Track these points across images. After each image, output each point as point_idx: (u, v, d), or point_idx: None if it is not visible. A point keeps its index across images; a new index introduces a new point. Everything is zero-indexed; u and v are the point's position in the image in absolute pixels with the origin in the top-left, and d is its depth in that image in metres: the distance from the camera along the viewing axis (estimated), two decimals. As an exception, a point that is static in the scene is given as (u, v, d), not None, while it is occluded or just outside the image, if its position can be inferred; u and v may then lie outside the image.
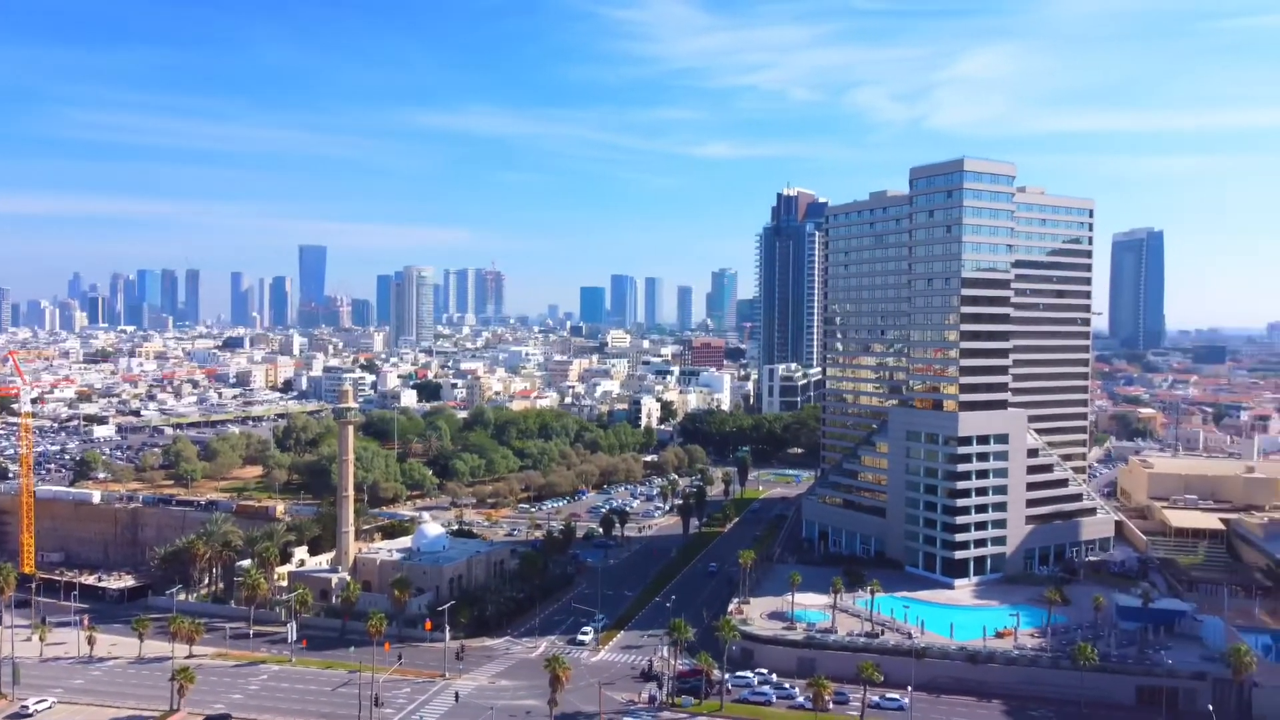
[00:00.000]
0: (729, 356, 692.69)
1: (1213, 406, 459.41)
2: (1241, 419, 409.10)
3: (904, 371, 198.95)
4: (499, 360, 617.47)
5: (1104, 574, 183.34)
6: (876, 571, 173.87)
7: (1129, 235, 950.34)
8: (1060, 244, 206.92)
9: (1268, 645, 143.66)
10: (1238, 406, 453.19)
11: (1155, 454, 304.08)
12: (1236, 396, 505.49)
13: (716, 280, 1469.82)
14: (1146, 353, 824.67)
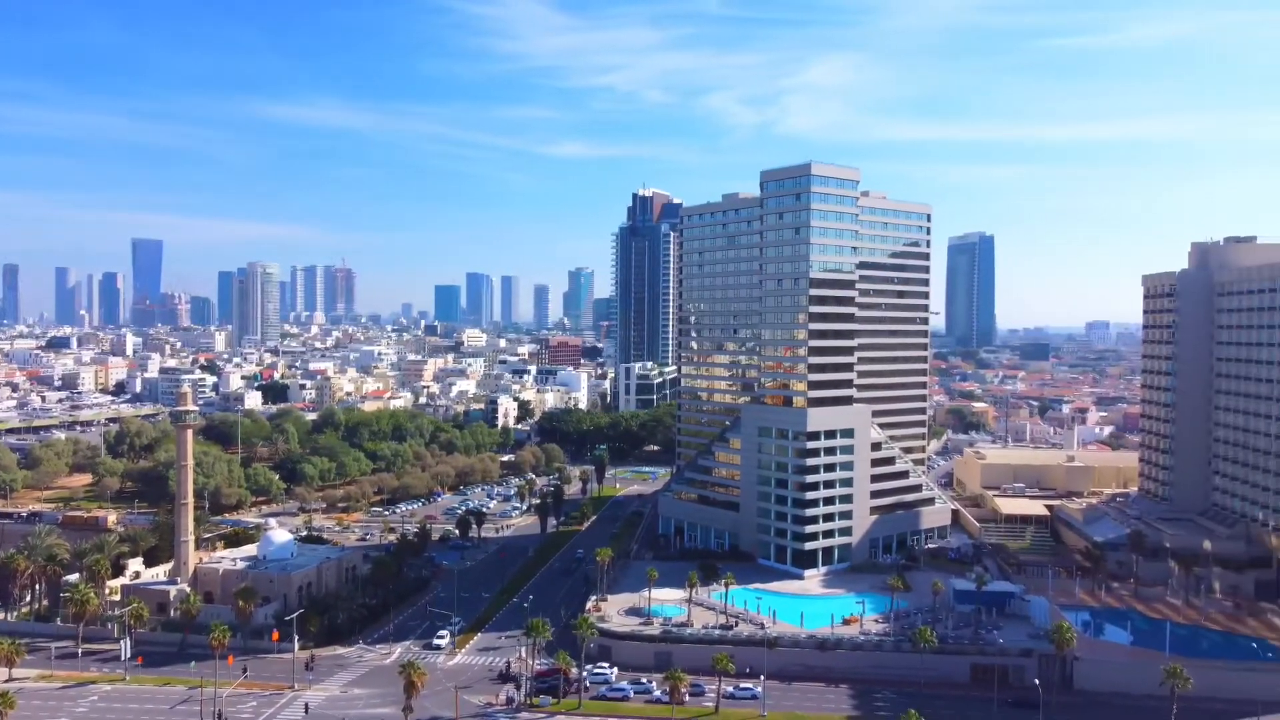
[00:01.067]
0: (586, 355, 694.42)
1: (1038, 400, 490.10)
2: (1063, 412, 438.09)
3: (756, 369, 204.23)
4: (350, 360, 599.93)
5: (942, 560, 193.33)
6: (731, 565, 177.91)
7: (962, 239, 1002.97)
8: (901, 246, 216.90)
9: (1086, 622, 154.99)
10: (1060, 400, 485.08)
11: (987, 446, 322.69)
12: (1059, 391, 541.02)
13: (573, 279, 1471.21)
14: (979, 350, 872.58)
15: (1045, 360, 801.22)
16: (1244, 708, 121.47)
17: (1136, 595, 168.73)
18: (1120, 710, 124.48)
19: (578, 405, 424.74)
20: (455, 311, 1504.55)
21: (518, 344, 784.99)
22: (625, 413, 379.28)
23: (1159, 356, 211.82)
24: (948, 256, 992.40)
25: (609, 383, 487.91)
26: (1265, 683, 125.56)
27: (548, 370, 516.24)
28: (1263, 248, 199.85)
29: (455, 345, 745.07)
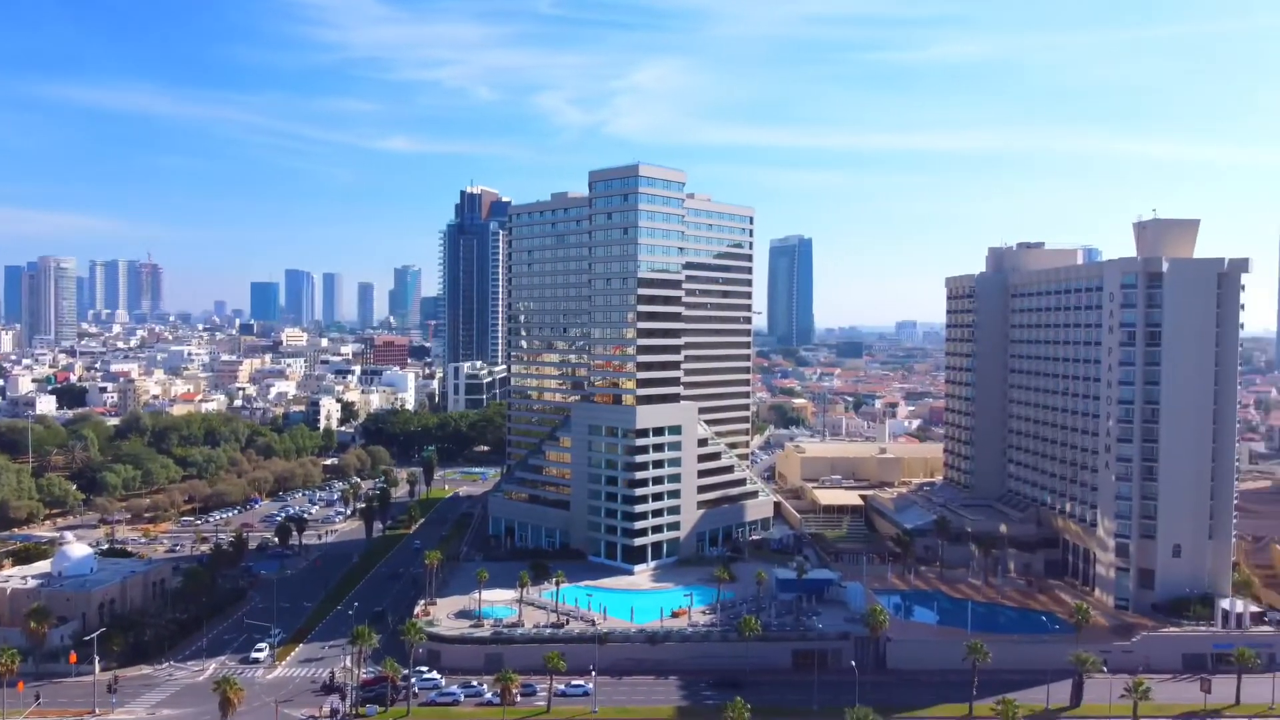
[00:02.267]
0: (413, 355, 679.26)
1: (853, 396, 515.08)
2: (876, 407, 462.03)
3: (586, 368, 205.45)
4: (157, 361, 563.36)
5: (765, 551, 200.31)
6: (562, 563, 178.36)
7: (783, 242, 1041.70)
8: (725, 248, 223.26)
9: (898, 604, 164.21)
10: (873, 396, 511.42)
11: (807, 440, 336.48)
12: (872, 387, 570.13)
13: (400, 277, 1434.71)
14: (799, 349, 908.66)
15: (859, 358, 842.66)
16: (1036, 676, 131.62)
17: (942, 577, 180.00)
18: (928, 685, 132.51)
19: (405, 406, 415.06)
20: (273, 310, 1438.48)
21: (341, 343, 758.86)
22: (454, 413, 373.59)
23: (960, 354, 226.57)
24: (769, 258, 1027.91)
25: (437, 383, 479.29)
26: (1053, 653, 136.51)
27: (373, 370, 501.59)
28: (1050, 253, 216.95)
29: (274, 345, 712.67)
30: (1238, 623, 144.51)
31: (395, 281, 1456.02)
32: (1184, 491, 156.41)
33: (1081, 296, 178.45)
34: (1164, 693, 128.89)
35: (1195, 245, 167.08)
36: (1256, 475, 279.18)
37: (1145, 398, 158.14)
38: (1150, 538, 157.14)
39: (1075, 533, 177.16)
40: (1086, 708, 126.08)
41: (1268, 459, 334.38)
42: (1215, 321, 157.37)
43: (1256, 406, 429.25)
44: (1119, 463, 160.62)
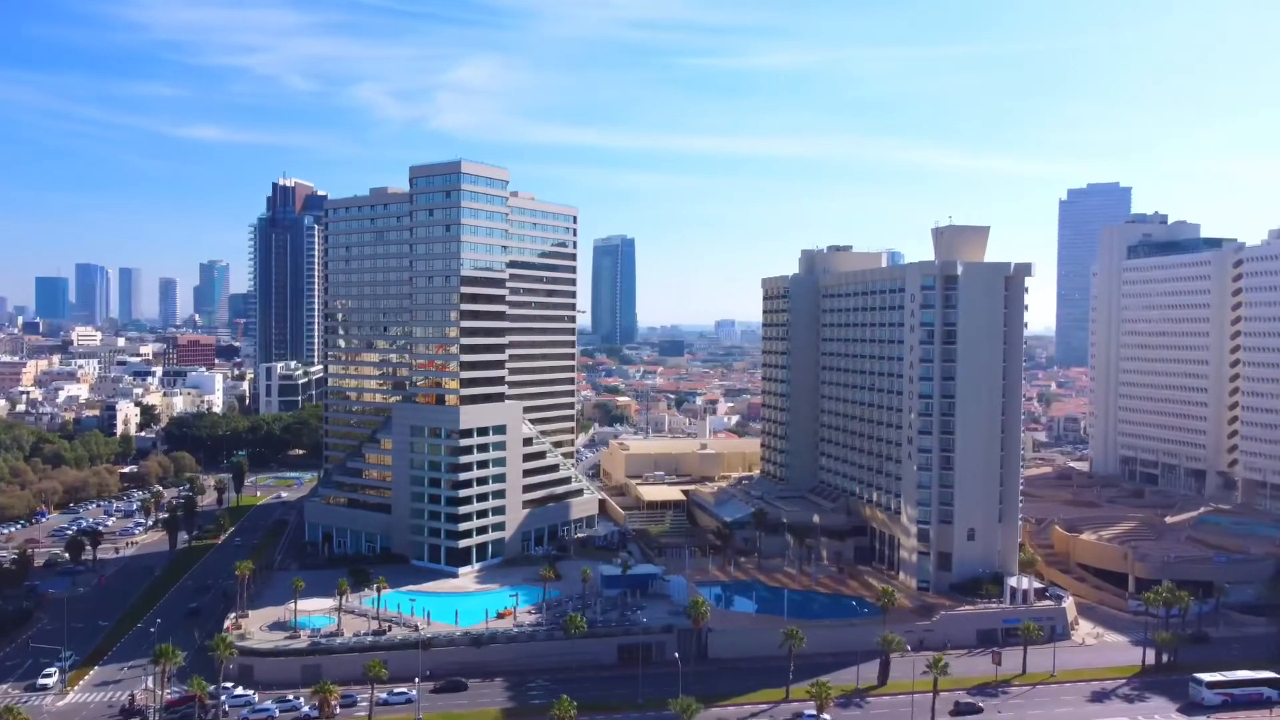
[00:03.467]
0: (221, 355, 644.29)
1: (675, 394, 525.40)
2: (697, 404, 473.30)
3: (407, 367, 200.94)
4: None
5: (590, 548, 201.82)
6: (383, 568, 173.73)
7: (606, 241, 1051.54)
8: (549, 247, 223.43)
9: (719, 595, 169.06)
10: (694, 393, 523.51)
11: (630, 437, 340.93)
12: (693, 384, 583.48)
13: (206, 273, 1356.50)
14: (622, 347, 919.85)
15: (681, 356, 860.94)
16: (847, 658, 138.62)
17: (760, 567, 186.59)
18: (747, 673, 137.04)
19: (212, 409, 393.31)
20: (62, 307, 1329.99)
21: (140, 343, 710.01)
22: (267, 415, 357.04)
23: (776, 352, 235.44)
24: (593, 258, 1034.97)
25: (248, 384, 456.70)
26: (863, 635, 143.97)
27: (176, 371, 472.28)
28: (857, 256, 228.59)
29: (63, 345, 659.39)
30: (1024, 599, 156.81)
31: (201, 277, 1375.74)
32: (977, 479, 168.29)
33: (885, 298, 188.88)
34: (961, 666, 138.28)
35: (986, 250, 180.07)
36: (1039, 462, 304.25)
37: (943, 392, 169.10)
38: (948, 523, 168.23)
39: (882, 520, 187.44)
40: (893, 685, 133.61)
41: (1049, 447, 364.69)
42: (1003, 321, 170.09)
43: (1039, 399, 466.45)
44: (920, 454, 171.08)
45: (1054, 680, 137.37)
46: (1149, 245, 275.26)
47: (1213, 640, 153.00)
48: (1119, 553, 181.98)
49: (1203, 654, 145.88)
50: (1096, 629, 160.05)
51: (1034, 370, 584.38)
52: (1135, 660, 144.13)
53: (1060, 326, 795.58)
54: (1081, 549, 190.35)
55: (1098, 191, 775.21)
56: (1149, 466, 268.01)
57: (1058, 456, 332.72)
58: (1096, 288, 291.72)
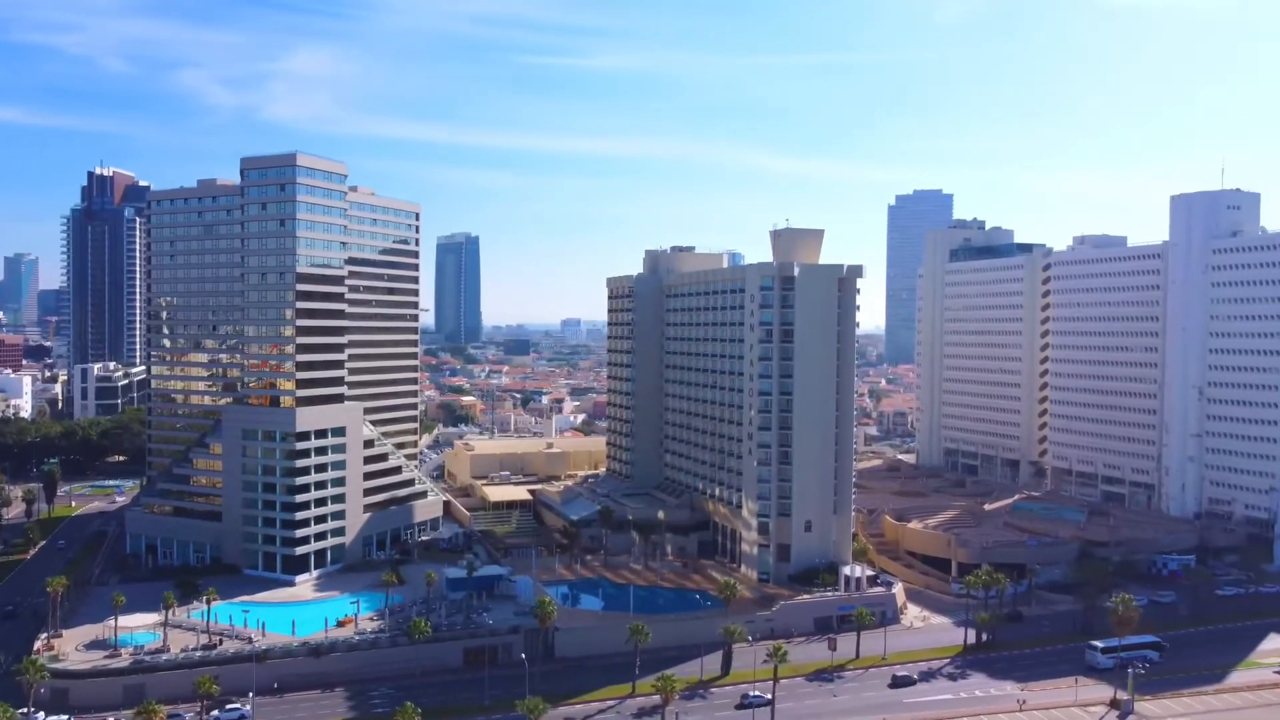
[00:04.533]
0: (30, 356, 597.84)
1: (521, 393, 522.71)
2: (543, 403, 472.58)
3: (239, 368, 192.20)
4: None
5: (435, 551, 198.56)
6: (214, 579, 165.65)
7: (450, 239, 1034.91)
8: (390, 244, 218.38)
9: (565, 594, 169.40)
10: (540, 392, 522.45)
11: (476, 437, 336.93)
12: (539, 383, 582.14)
13: (11, 267, 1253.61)
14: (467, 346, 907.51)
15: (527, 355, 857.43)
16: (692, 651, 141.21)
17: (606, 565, 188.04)
18: (594, 670, 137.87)
19: (20, 414, 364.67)
20: None
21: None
22: (83, 420, 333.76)
23: (621, 351, 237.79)
24: (436, 255, 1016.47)
25: (61, 386, 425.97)
26: (707, 627, 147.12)
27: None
28: (699, 256, 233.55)
29: None
30: (857, 586, 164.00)
31: (5, 271, 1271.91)
32: (814, 473, 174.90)
33: (726, 297, 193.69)
34: (799, 654, 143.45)
35: (821, 252, 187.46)
36: (870, 455, 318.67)
37: (781, 390, 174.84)
38: (787, 516, 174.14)
39: (724, 515, 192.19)
40: (735, 675, 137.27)
41: (879, 441, 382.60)
42: (837, 320, 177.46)
43: (870, 395, 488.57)
44: (759, 449, 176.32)
45: (885, 663, 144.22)
46: (969, 249, 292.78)
47: (1026, 618, 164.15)
48: (943, 540, 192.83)
49: (1018, 632, 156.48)
50: (924, 612, 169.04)
51: (865, 367, 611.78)
52: (959, 640, 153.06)
53: (889, 325, 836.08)
54: (909, 537, 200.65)
55: (923, 198, 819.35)
56: (969, 458, 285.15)
57: (887, 450, 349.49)
58: (922, 289, 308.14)
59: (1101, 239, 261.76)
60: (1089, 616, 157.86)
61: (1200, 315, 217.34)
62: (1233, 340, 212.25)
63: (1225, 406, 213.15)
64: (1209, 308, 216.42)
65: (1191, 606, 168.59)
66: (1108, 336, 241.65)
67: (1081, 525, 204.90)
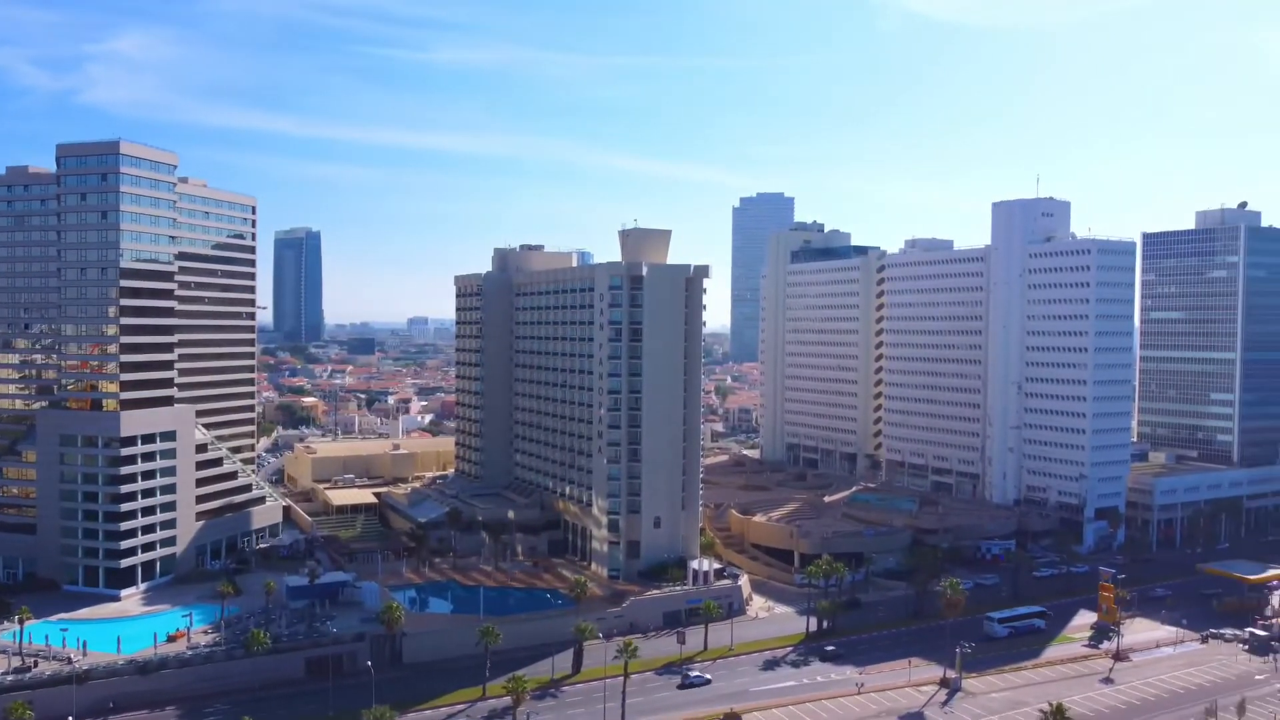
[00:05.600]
0: None
1: (366, 393, 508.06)
2: (389, 403, 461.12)
3: (55, 369, 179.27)
4: None
5: (275, 559, 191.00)
6: (27, 597, 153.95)
7: (290, 234, 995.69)
8: (225, 238, 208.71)
9: (413, 598, 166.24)
10: (386, 392, 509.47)
11: (318, 440, 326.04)
12: (385, 383, 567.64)
13: None
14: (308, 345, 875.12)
15: (372, 354, 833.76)
16: (544, 650, 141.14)
17: (455, 567, 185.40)
18: (444, 674, 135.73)
19: None
20: None
21: None
22: None
23: (469, 350, 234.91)
24: (275, 250, 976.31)
25: None
26: (558, 626, 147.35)
27: None
28: (549, 255, 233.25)
29: None
30: (705, 580, 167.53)
31: None
32: (662, 470, 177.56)
33: (576, 296, 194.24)
34: (649, 649, 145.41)
35: (668, 252, 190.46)
36: (717, 451, 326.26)
37: (630, 388, 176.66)
38: (636, 513, 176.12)
39: (574, 513, 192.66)
40: (587, 673, 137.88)
41: (725, 437, 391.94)
42: (684, 319, 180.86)
43: (716, 393, 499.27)
44: (609, 447, 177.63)
45: (732, 653, 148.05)
46: (809, 251, 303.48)
47: (864, 605, 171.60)
48: (786, 531, 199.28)
49: (856, 618, 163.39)
50: (769, 603, 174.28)
51: (712, 365, 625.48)
52: (801, 629, 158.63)
53: (735, 324, 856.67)
54: (754, 530, 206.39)
55: (766, 200, 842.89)
56: (810, 452, 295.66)
57: (733, 445, 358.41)
58: (765, 289, 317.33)
59: (930, 242, 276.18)
60: (921, 601, 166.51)
61: (1018, 315, 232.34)
62: (1046, 339, 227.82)
63: (1040, 400, 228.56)
64: (1026, 308, 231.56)
65: (1012, 588, 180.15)
66: (936, 335, 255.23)
67: (914, 514, 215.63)
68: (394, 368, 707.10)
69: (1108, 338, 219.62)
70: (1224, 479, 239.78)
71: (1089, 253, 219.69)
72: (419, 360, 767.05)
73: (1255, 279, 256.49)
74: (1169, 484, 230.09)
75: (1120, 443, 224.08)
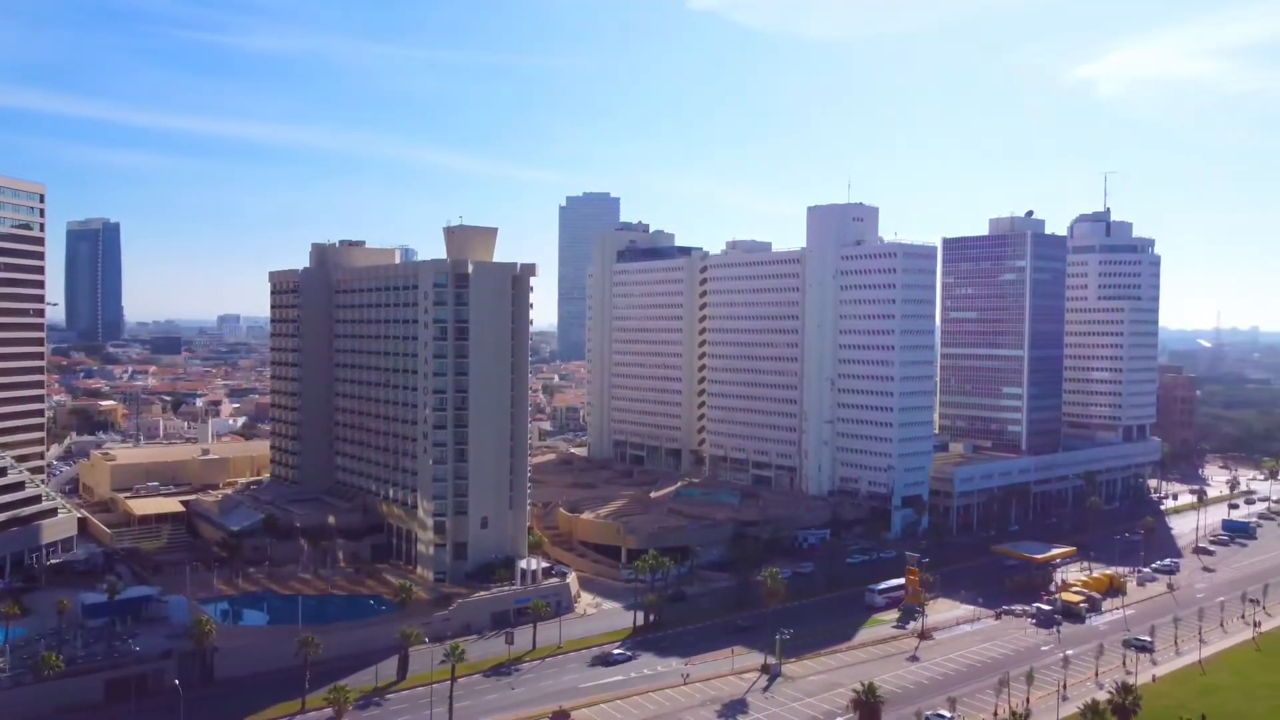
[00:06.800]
0: None
1: (172, 395, 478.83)
2: (198, 405, 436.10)
3: None
4: None
5: (69, 574, 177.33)
6: None
7: (85, 225, 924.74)
8: (8, 229, 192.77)
9: (225, 611, 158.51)
10: (194, 394, 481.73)
11: (118, 446, 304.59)
12: (193, 384, 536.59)
13: None
14: (106, 344, 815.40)
15: (179, 354, 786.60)
16: (368, 659, 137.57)
17: (272, 576, 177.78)
18: (261, 689, 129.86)
19: None
20: None
21: None
22: None
23: (286, 349, 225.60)
24: (67, 243, 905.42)
25: None
26: (382, 632, 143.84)
27: None
28: (371, 251, 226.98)
29: None
30: (533, 579, 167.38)
31: None
32: (490, 470, 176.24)
33: (399, 294, 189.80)
34: (477, 651, 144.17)
35: (495, 250, 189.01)
36: (545, 450, 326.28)
37: (456, 387, 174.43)
38: (463, 514, 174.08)
39: (399, 516, 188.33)
40: (412, 679, 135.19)
41: (553, 435, 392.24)
42: (511, 318, 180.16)
43: (543, 391, 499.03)
44: (435, 447, 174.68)
45: (561, 651, 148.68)
46: (635, 251, 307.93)
47: (689, 597, 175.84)
48: (613, 528, 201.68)
49: (681, 610, 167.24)
50: (597, 599, 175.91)
51: (539, 364, 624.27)
52: (629, 623, 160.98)
53: (562, 323, 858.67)
54: (582, 527, 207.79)
55: (592, 200, 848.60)
56: (637, 449, 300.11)
57: (561, 444, 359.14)
58: (591, 288, 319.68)
59: (750, 244, 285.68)
60: (743, 591, 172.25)
61: (831, 314, 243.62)
62: (856, 337, 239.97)
63: (852, 396, 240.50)
64: (839, 308, 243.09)
65: (827, 575, 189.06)
66: (756, 334, 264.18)
67: (736, 508, 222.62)
68: (203, 368, 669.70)
69: (912, 336, 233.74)
70: (1014, 466, 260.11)
71: (895, 256, 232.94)
72: (231, 360, 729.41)
73: (1040, 282, 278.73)
74: (967, 472, 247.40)
75: (924, 435, 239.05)
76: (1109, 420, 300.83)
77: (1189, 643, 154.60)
